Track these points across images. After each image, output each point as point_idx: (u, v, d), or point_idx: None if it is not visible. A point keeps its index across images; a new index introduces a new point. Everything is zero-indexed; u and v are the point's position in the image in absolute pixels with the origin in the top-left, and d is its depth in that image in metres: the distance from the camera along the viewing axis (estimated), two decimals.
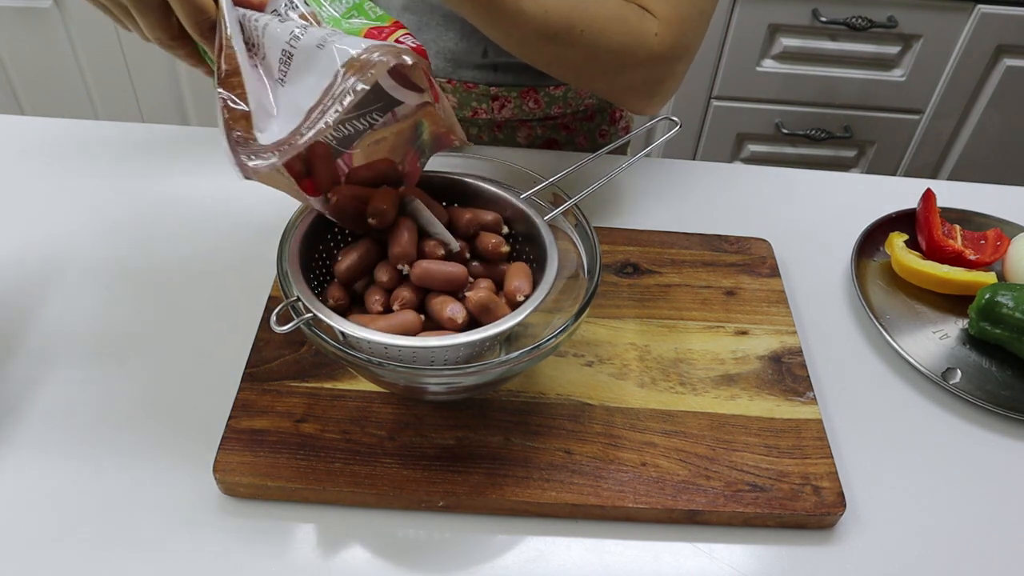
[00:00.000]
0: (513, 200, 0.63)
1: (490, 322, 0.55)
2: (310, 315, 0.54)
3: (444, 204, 0.63)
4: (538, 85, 0.88)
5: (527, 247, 0.62)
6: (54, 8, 1.46)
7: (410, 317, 0.56)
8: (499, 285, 0.60)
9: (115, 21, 0.55)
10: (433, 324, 0.57)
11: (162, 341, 0.67)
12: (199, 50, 0.55)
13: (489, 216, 0.62)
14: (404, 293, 0.57)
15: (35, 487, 0.58)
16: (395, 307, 0.57)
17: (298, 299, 0.55)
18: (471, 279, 0.59)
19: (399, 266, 0.57)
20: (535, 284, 0.58)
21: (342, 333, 0.54)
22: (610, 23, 0.64)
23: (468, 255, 0.61)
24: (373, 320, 0.55)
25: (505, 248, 0.61)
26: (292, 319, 0.53)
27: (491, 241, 0.60)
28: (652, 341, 0.69)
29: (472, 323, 0.56)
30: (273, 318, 0.52)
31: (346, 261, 0.59)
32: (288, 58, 0.50)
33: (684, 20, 0.66)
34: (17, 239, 0.75)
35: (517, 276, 0.58)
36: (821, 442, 0.62)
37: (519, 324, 0.55)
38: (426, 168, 0.62)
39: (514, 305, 0.56)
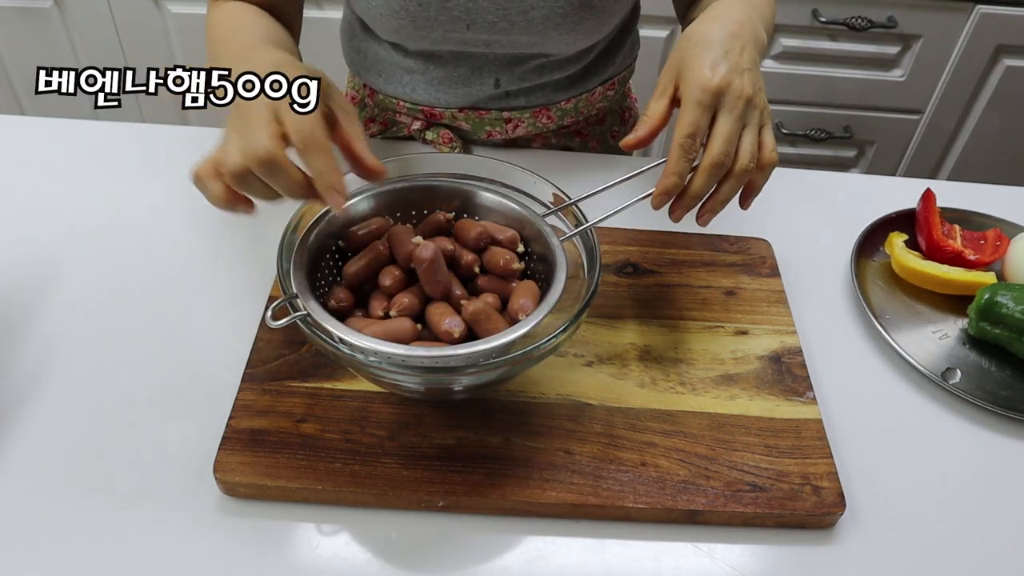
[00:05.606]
0: (533, 220, 0.62)
1: (485, 333, 0.55)
2: (306, 312, 0.54)
3: (465, 216, 0.64)
4: (550, 103, 0.87)
5: (540, 266, 0.62)
6: (54, 8, 1.46)
7: (405, 325, 0.56)
8: (508, 301, 0.60)
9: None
10: (431, 332, 0.57)
11: (162, 341, 0.67)
12: None
13: (507, 233, 0.62)
14: (404, 299, 0.57)
15: (35, 487, 0.58)
16: (392, 312, 0.57)
17: (296, 296, 0.55)
18: (465, 299, 0.59)
19: (414, 238, 0.58)
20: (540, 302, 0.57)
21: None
22: None
23: (478, 269, 0.61)
24: (368, 324, 0.55)
25: (517, 266, 0.60)
26: (288, 315, 0.53)
27: (503, 258, 0.60)
28: (652, 341, 0.69)
29: (470, 333, 0.56)
30: (268, 313, 0.52)
31: (355, 264, 0.59)
32: None
33: None
34: (17, 239, 0.75)
35: (524, 294, 0.58)
36: (821, 442, 0.62)
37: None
38: (448, 174, 0.65)
39: (515, 321, 0.56)
